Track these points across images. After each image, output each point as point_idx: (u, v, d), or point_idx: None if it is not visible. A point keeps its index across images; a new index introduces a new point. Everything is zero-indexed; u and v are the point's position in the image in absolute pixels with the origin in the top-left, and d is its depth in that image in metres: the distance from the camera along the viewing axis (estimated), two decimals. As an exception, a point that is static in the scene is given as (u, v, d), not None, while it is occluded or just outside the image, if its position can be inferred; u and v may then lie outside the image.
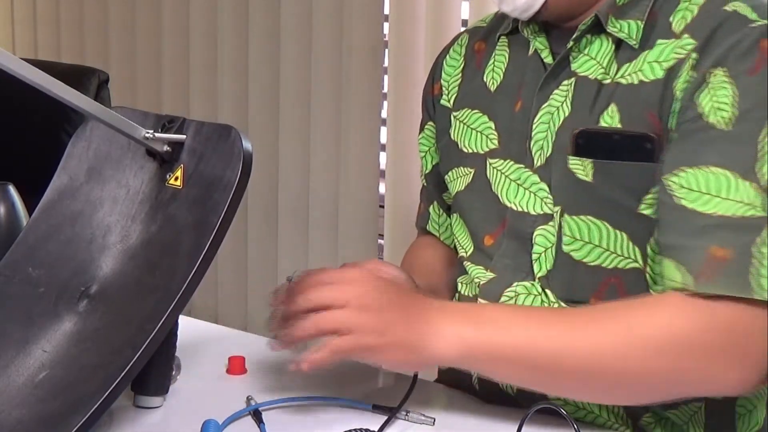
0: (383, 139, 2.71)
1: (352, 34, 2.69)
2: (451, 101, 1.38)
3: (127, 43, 3.22)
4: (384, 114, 2.71)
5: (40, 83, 1.06)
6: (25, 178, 1.50)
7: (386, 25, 2.66)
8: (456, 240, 1.37)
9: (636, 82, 1.17)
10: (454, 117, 1.37)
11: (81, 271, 1.18)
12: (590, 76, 1.21)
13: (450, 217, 1.43)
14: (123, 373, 1.03)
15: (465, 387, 1.28)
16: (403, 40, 2.60)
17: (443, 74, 1.41)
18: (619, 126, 1.17)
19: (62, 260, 1.21)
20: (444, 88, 1.40)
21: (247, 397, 1.20)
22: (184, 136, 1.17)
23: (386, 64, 2.68)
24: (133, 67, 3.21)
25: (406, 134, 2.62)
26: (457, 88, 1.38)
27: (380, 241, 2.77)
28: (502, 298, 1.24)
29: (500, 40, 1.34)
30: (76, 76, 2.38)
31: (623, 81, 1.18)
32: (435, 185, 1.46)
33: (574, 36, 1.22)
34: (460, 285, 1.34)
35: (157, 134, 1.16)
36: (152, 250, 1.13)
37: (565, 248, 1.20)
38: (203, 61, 3.04)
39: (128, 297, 1.12)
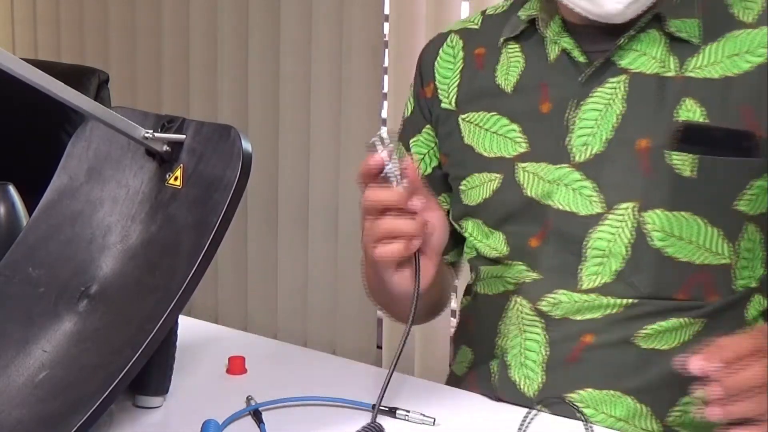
0: (383, 139, 2.71)
1: (352, 34, 2.70)
2: (452, 103, 1.35)
3: (127, 43, 3.23)
4: (384, 114, 2.71)
5: (40, 83, 1.06)
6: (25, 178, 1.50)
7: (386, 25, 2.66)
8: (477, 244, 1.32)
9: (716, 76, 1.19)
10: (463, 120, 1.33)
11: (81, 271, 1.18)
12: (646, 72, 1.21)
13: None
14: (123, 373, 1.03)
15: (484, 386, 1.27)
16: (403, 40, 2.60)
17: (438, 76, 1.38)
18: (704, 120, 1.17)
19: (62, 260, 1.21)
20: (441, 91, 1.37)
21: (247, 397, 1.20)
22: (183, 136, 1.17)
23: (386, 64, 2.68)
24: (133, 67, 3.21)
25: (406, 134, 2.61)
26: (456, 89, 1.35)
27: (380, 241, 2.77)
28: (541, 302, 1.23)
29: (509, 45, 1.31)
30: (76, 76, 2.38)
31: (695, 75, 1.19)
32: (431, 189, 1.39)
33: (629, 33, 1.21)
34: (480, 286, 1.32)
35: (156, 134, 1.16)
36: (152, 250, 1.13)
37: (657, 244, 1.19)
38: (203, 61, 3.05)
39: (128, 297, 1.12)
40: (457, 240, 1.38)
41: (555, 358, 1.22)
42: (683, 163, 1.18)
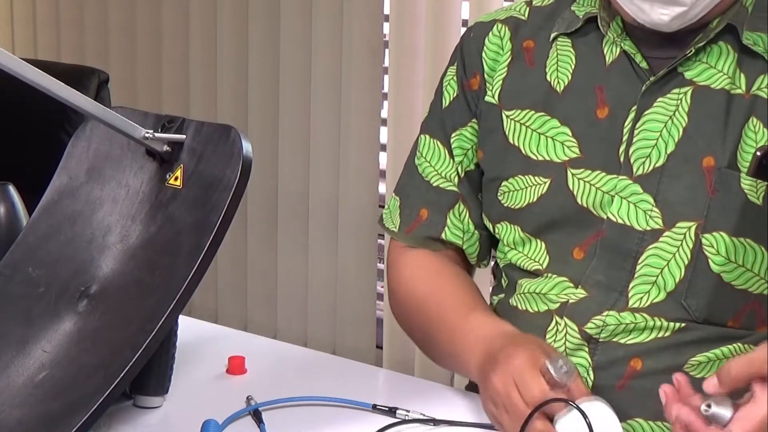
0: (383, 139, 2.72)
1: (352, 34, 2.70)
2: (496, 97, 1.29)
3: (127, 43, 3.22)
4: (384, 114, 2.71)
5: (40, 83, 1.06)
6: (25, 178, 1.50)
7: (386, 25, 2.66)
8: (512, 254, 1.27)
9: None
10: (508, 117, 1.27)
11: (81, 271, 1.18)
12: (714, 86, 1.16)
13: (473, 223, 1.32)
14: (123, 373, 1.03)
15: None
16: (403, 40, 2.60)
17: (485, 67, 1.30)
18: (765, 143, 1.13)
19: (62, 260, 1.21)
20: (488, 83, 1.30)
21: (247, 397, 1.20)
22: (183, 136, 1.17)
23: (386, 64, 2.69)
24: (133, 67, 3.21)
25: (406, 134, 2.61)
26: (501, 83, 1.29)
27: (380, 241, 2.78)
28: (589, 325, 1.18)
29: (560, 40, 1.26)
30: (76, 76, 2.38)
31: (763, 94, 1.15)
32: (474, 185, 1.33)
33: (697, 42, 1.16)
34: (518, 300, 1.26)
35: (156, 134, 1.16)
36: (152, 250, 1.13)
37: (716, 268, 1.15)
38: (203, 61, 3.04)
39: (128, 297, 1.12)
40: (493, 243, 1.33)
41: (602, 384, 1.17)
42: (753, 189, 1.14)
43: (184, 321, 1.20)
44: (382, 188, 2.73)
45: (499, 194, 1.28)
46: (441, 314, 1.28)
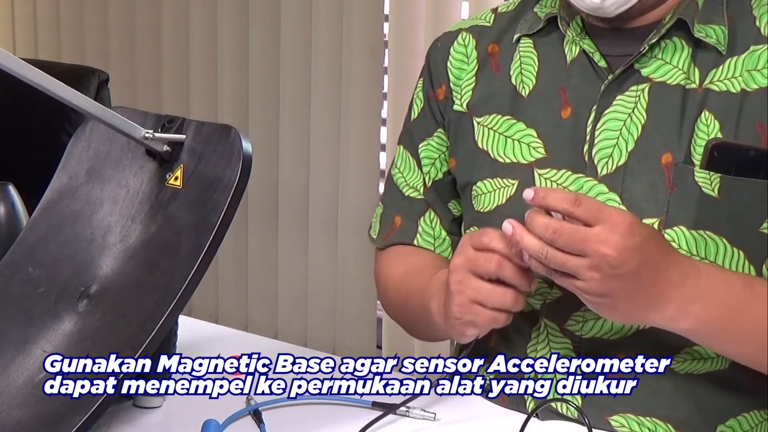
0: (383, 139, 2.72)
1: (352, 34, 2.70)
2: (465, 105, 1.30)
3: (127, 43, 3.23)
4: (384, 114, 2.71)
5: (40, 83, 1.06)
6: (25, 178, 1.50)
7: (386, 25, 2.66)
8: None
9: (735, 90, 1.14)
10: (478, 123, 1.28)
11: (81, 271, 1.18)
12: (670, 82, 1.17)
13: (444, 230, 1.35)
14: (123, 374, 1.03)
15: (521, 409, 1.21)
16: (403, 40, 2.60)
17: (451, 77, 1.32)
18: (719, 135, 1.13)
19: (62, 260, 1.21)
20: (454, 93, 1.31)
21: (247, 397, 1.20)
22: (183, 136, 1.17)
23: (386, 64, 2.69)
24: (133, 67, 3.21)
25: (406, 134, 2.61)
26: (470, 91, 1.30)
27: (380, 241, 2.78)
28: (569, 322, 1.19)
29: (522, 42, 1.27)
30: (76, 76, 2.38)
31: (715, 88, 1.15)
32: (441, 194, 1.35)
33: (650, 39, 1.16)
34: None
35: (156, 134, 1.16)
36: (152, 250, 1.13)
37: None
38: (203, 61, 3.05)
39: (128, 297, 1.12)
40: None
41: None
42: (707, 182, 1.14)
43: (184, 321, 1.20)
44: (382, 188, 2.72)
45: (472, 199, 1.29)
46: (415, 283, 1.29)
